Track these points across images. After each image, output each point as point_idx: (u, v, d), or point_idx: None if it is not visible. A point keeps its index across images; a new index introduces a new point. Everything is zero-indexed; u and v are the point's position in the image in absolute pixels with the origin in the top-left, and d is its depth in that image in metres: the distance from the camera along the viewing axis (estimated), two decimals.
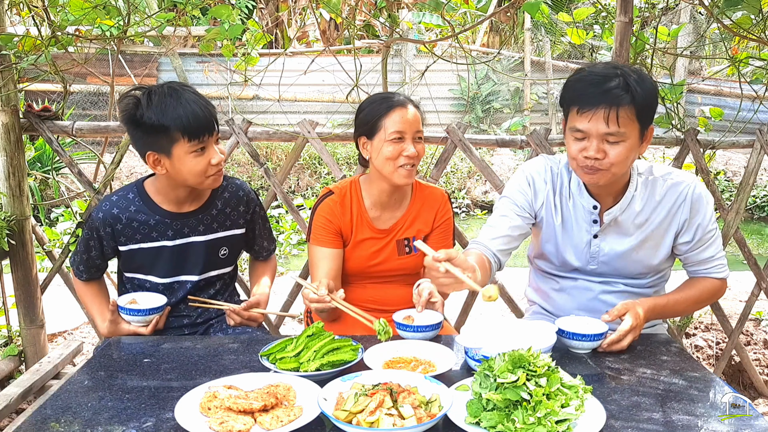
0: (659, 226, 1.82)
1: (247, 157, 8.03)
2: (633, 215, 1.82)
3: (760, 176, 8.25)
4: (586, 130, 1.65)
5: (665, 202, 1.81)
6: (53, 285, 2.94)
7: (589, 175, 1.71)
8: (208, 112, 1.83)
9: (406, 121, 1.97)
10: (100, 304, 2.03)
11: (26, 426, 1.29)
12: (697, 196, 1.80)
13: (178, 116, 1.77)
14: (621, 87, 1.61)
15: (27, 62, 2.60)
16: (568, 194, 1.87)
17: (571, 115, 1.69)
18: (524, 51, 10.12)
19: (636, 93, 1.61)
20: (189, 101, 1.80)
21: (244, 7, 9.46)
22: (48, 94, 6.96)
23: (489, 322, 1.64)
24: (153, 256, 1.96)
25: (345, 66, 3.23)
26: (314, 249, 2.06)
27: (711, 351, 3.34)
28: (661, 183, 1.82)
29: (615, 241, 1.85)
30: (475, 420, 1.22)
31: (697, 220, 1.81)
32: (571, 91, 1.70)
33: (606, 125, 1.62)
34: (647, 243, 1.84)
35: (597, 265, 1.89)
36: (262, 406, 1.28)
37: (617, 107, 1.60)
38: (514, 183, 1.93)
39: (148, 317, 1.88)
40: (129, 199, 1.95)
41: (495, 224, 1.88)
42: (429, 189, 2.15)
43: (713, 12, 2.57)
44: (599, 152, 1.65)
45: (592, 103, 1.62)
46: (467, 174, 8.63)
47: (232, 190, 2.06)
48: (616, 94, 1.60)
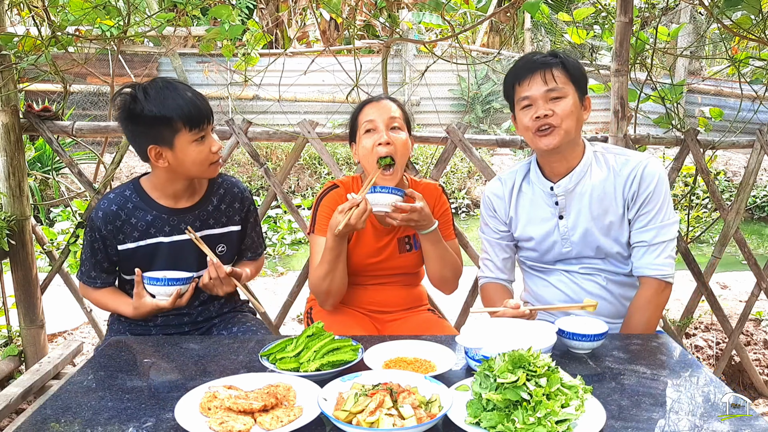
0: (615, 198, 1.90)
1: (247, 157, 8.04)
2: (589, 189, 1.91)
3: (760, 176, 8.26)
4: (530, 95, 1.84)
5: (620, 174, 1.90)
6: (53, 285, 2.94)
7: (544, 137, 1.85)
8: (204, 100, 1.88)
9: (376, 111, 1.99)
10: (121, 296, 2.03)
11: (26, 426, 1.28)
12: (650, 171, 1.88)
13: (178, 106, 1.80)
14: (549, 56, 1.86)
15: (27, 62, 2.60)
16: (529, 186, 2.01)
17: (516, 93, 1.89)
18: (524, 51, 10.13)
19: (565, 60, 1.85)
20: (186, 91, 1.84)
21: (244, 8, 9.47)
22: (48, 94, 6.97)
23: (489, 322, 1.64)
24: (151, 253, 1.97)
25: (345, 66, 3.23)
26: (317, 240, 2.05)
27: (711, 351, 3.34)
28: (614, 158, 1.94)
29: (579, 218, 1.93)
30: (475, 420, 1.22)
31: (644, 192, 1.87)
32: (510, 76, 1.91)
33: (544, 83, 1.82)
34: (608, 216, 1.91)
35: (570, 246, 1.95)
36: (262, 406, 1.28)
37: (550, 68, 1.83)
38: (482, 212, 2.14)
39: (170, 288, 1.87)
40: (126, 196, 1.96)
41: (488, 256, 2.12)
42: (423, 184, 2.16)
43: (713, 12, 2.57)
44: (546, 110, 1.82)
45: (529, 72, 1.85)
46: (467, 174, 8.64)
47: (227, 186, 2.07)
48: (547, 61, 1.85)
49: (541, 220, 1.98)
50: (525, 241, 2.03)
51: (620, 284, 1.97)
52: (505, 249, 2.09)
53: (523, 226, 2.01)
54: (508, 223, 2.05)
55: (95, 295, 2.07)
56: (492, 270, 2.10)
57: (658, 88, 2.90)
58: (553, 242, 1.97)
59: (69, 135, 2.73)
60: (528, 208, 2.00)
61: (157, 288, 1.87)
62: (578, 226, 1.93)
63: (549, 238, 1.97)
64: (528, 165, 2.03)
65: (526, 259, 2.08)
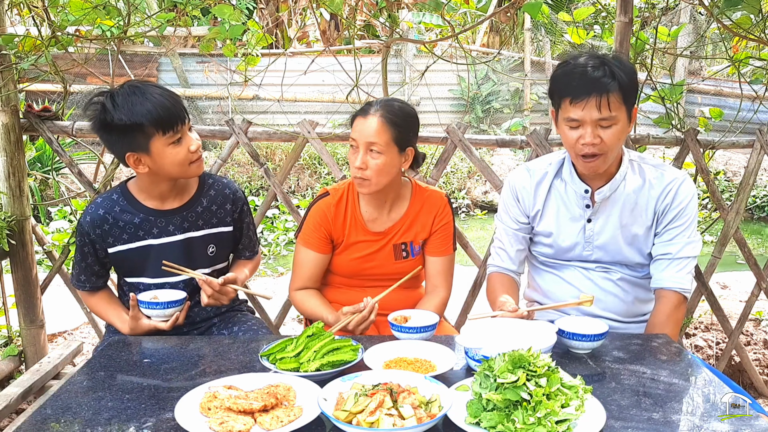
0: (646, 210, 1.89)
1: (247, 157, 8.03)
2: (623, 197, 1.89)
3: (760, 176, 8.24)
4: (580, 118, 1.75)
5: (655, 187, 1.88)
6: (53, 285, 2.94)
7: (589, 163, 1.81)
8: (175, 101, 1.84)
9: (359, 130, 1.93)
10: (115, 308, 2.03)
11: (26, 426, 1.29)
12: (685, 188, 1.88)
13: (147, 111, 1.77)
14: (608, 75, 1.72)
15: (27, 62, 2.59)
16: (561, 182, 1.96)
17: (564, 107, 1.78)
18: (524, 51, 10.13)
19: (621, 78, 1.73)
20: (154, 94, 1.80)
21: (244, 8, 9.47)
22: (48, 94, 6.96)
23: (489, 322, 1.64)
24: (141, 256, 1.97)
25: (345, 66, 3.23)
26: (301, 249, 2.08)
27: (711, 351, 3.34)
28: (652, 170, 1.91)
29: (607, 224, 1.91)
30: (475, 420, 1.22)
31: (676, 207, 1.87)
32: (561, 83, 1.80)
33: (599, 111, 1.72)
34: (636, 227, 1.90)
35: (592, 251, 1.94)
36: (262, 406, 1.28)
37: (607, 94, 1.71)
38: (503, 200, 2.08)
39: (167, 311, 1.88)
40: (113, 200, 1.96)
41: (502, 245, 2.07)
42: (428, 192, 2.13)
43: (713, 12, 2.57)
44: (595, 138, 1.75)
45: (584, 93, 1.73)
46: (467, 174, 8.63)
47: (218, 188, 2.07)
48: (605, 82, 1.72)
49: (570, 219, 1.95)
50: (544, 237, 2.00)
51: (635, 284, 1.96)
52: (521, 241, 2.05)
53: (547, 223, 1.97)
54: (532, 216, 2.00)
55: (91, 302, 2.08)
56: (504, 260, 2.07)
57: (658, 88, 2.90)
58: (575, 243, 1.95)
59: (69, 135, 2.73)
60: (558, 206, 1.96)
61: (154, 311, 1.88)
62: (604, 232, 1.91)
63: (572, 238, 1.95)
64: (561, 161, 1.98)
65: (540, 254, 2.06)
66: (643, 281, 1.97)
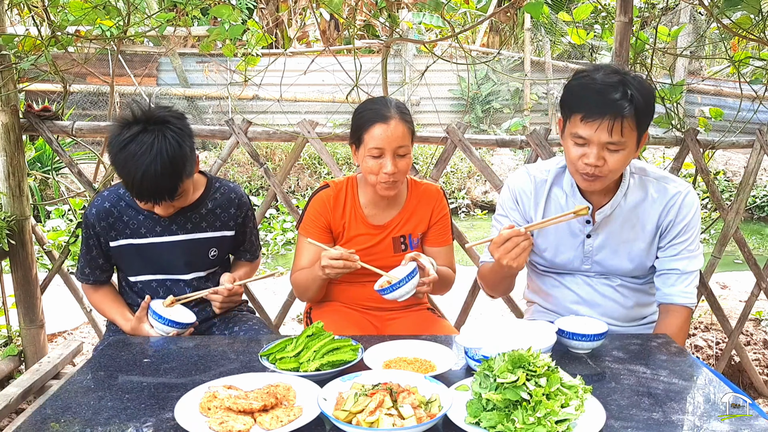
0: (648, 225, 1.85)
1: (247, 157, 8.03)
2: (624, 213, 1.85)
3: (760, 176, 8.25)
4: (588, 137, 1.67)
5: (657, 202, 1.84)
6: (53, 285, 2.94)
7: (587, 181, 1.75)
8: (160, 185, 1.77)
9: (385, 137, 1.91)
10: (118, 305, 2.04)
11: (26, 426, 1.29)
12: (689, 201, 1.83)
13: (129, 177, 1.76)
14: (625, 98, 1.62)
15: (27, 62, 2.59)
16: (562, 192, 1.90)
17: (573, 121, 1.70)
18: (524, 51, 10.12)
19: (638, 102, 1.63)
20: (147, 171, 1.73)
21: (244, 8, 9.47)
22: (48, 94, 6.96)
23: (489, 322, 1.64)
24: (142, 253, 1.97)
25: (345, 66, 3.23)
26: (302, 239, 2.09)
27: (711, 351, 3.34)
28: (654, 184, 1.86)
29: (607, 240, 1.87)
30: (475, 420, 1.23)
31: (681, 222, 1.83)
32: (575, 97, 1.71)
33: (609, 135, 1.64)
34: (638, 242, 1.86)
35: (591, 265, 1.92)
36: (261, 406, 1.28)
37: (621, 118, 1.62)
38: (502, 202, 2.00)
39: (170, 329, 1.87)
40: (120, 195, 1.97)
41: None
42: (424, 186, 2.15)
43: (713, 12, 2.57)
44: (599, 159, 1.68)
45: (597, 113, 1.63)
46: (467, 174, 8.63)
47: (224, 191, 2.08)
48: (621, 105, 1.62)
49: (569, 234, 1.90)
50: (542, 251, 1.95)
51: (635, 290, 1.94)
52: None
53: (545, 238, 1.92)
54: (529, 222, 1.94)
55: (94, 298, 2.09)
56: None
57: (657, 88, 2.90)
58: (573, 257, 1.91)
59: (69, 135, 2.73)
60: None
61: (158, 324, 1.88)
62: (605, 248, 1.88)
63: (571, 253, 1.91)
64: (563, 170, 1.89)
65: (537, 264, 2.02)
66: (643, 287, 1.95)
